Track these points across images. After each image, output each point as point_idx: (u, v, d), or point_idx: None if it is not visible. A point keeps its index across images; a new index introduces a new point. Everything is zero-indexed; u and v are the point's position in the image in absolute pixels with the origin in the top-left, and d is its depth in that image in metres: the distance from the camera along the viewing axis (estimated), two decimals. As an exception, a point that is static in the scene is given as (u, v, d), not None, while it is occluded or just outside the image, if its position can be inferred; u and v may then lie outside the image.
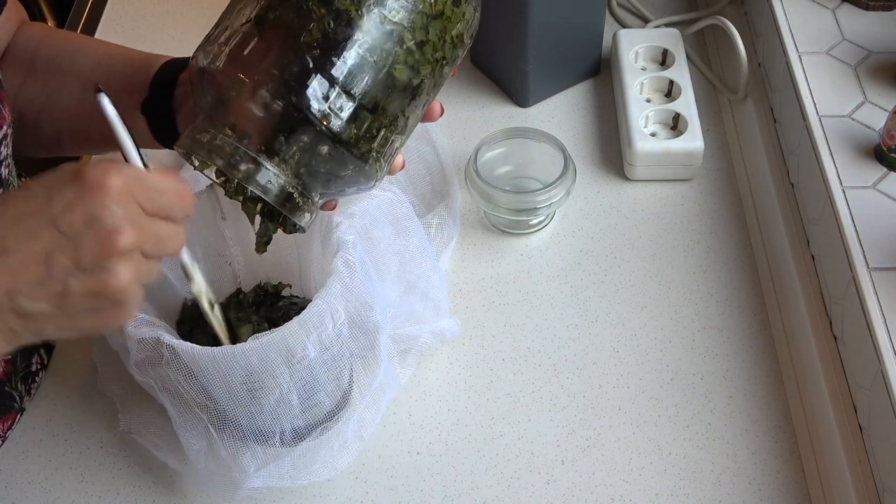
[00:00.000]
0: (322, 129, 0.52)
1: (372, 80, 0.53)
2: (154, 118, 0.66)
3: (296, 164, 0.53)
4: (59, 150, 0.73)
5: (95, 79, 0.68)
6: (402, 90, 0.55)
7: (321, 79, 0.51)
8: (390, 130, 0.56)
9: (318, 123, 0.52)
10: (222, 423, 0.65)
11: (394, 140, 0.57)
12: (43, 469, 0.73)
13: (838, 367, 0.72)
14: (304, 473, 0.68)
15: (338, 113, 0.52)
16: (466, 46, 0.59)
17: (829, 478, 0.70)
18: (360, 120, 0.53)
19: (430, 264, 0.75)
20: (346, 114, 0.53)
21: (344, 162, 0.55)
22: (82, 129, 0.70)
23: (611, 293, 0.83)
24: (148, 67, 0.67)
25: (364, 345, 0.70)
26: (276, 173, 0.53)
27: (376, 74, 0.53)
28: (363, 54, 0.52)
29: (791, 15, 0.90)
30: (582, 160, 0.93)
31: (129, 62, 0.69)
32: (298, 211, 0.55)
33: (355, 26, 0.52)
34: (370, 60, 0.53)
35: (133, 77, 0.67)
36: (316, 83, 0.51)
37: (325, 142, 0.53)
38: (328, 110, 0.52)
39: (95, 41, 0.73)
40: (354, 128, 0.53)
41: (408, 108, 0.57)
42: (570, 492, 0.71)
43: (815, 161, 0.78)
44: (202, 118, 0.55)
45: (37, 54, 0.70)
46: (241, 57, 0.52)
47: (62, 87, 0.69)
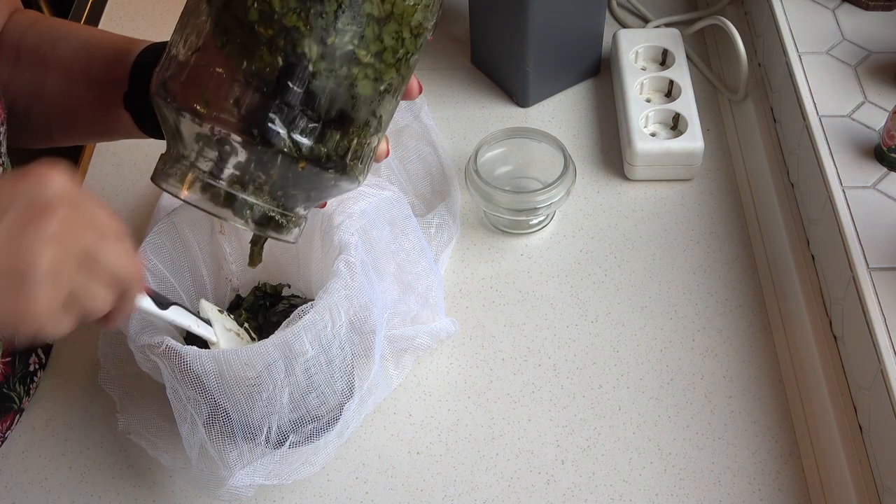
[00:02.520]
0: (292, 154, 0.51)
1: (335, 97, 0.51)
2: (137, 112, 0.65)
3: (271, 188, 0.52)
4: (51, 141, 0.72)
5: (78, 68, 0.67)
6: (367, 100, 0.53)
7: (281, 106, 0.50)
8: (364, 135, 0.54)
9: (287, 150, 0.50)
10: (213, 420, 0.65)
11: (369, 141, 0.55)
12: (43, 469, 0.73)
13: (838, 367, 0.73)
14: (288, 472, 0.67)
15: (305, 136, 0.51)
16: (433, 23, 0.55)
17: (829, 478, 0.70)
18: (329, 137, 0.52)
19: (428, 265, 0.75)
20: (314, 135, 0.51)
21: (321, 177, 0.53)
22: (71, 123, 0.69)
23: (611, 293, 0.83)
24: (127, 56, 0.65)
25: (360, 346, 0.70)
26: (253, 201, 0.52)
27: (338, 90, 0.51)
28: (321, 74, 0.50)
29: (791, 15, 0.90)
30: (582, 160, 0.93)
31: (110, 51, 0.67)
32: (283, 230, 0.54)
33: (306, 45, 0.49)
34: (329, 79, 0.50)
35: (112, 67, 0.66)
36: (276, 111, 0.50)
37: (297, 164, 0.51)
38: (294, 136, 0.50)
39: (79, 27, 0.71)
40: (324, 146, 0.52)
41: (378, 109, 0.54)
42: (570, 492, 0.71)
43: (815, 161, 0.78)
44: (170, 148, 0.54)
45: (22, 44, 0.68)
46: (196, 90, 0.50)
47: (47, 78, 0.68)
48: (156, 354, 0.62)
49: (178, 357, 0.61)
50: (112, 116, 0.66)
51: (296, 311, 0.62)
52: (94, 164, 0.96)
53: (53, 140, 0.73)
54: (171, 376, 0.63)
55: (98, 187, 0.93)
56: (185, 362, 0.61)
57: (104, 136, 0.73)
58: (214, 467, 0.66)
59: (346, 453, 0.73)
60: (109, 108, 0.66)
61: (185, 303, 0.73)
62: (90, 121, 0.68)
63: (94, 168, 0.95)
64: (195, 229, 0.73)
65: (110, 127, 0.68)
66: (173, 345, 0.61)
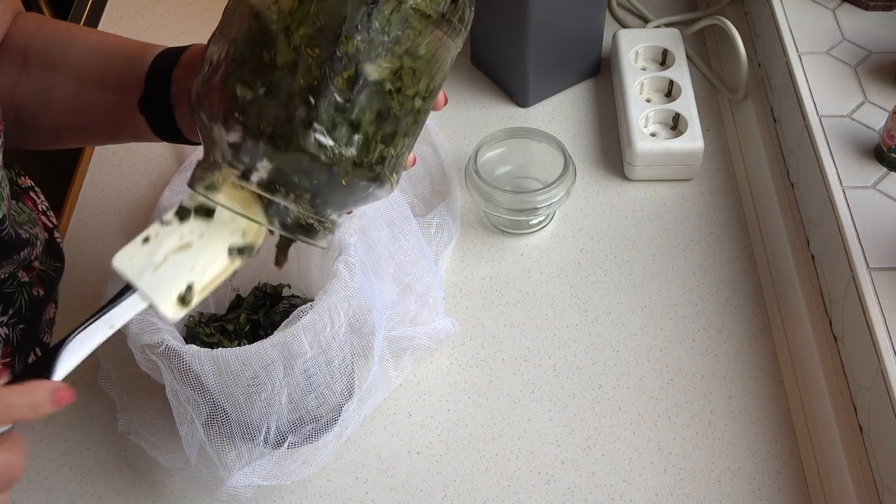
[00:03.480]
0: (332, 165, 0.50)
1: (379, 111, 0.51)
2: (153, 115, 0.65)
3: (310, 196, 0.52)
4: (58, 143, 0.72)
5: (89, 72, 0.67)
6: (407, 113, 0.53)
7: (324, 117, 0.49)
8: (401, 146, 0.54)
9: (328, 161, 0.50)
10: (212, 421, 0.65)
11: (403, 152, 0.55)
12: (43, 469, 0.73)
13: (838, 367, 0.72)
14: (287, 472, 0.68)
15: (348, 147, 0.50)
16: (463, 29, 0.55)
17: (829, 478, 0.70)
18: (371, 150, 0.52)
19: (427, 265, 0.75)
20: (355, 147, 0.51)
21: (358, 186, 0.53)
22: (80, 124, 0.69)
23: (611, 293, 0.83)
24: (142, 60, 0.65)
25: (359, 347, 0.70)
26: (290, 207, 0.51)
27: (383, 104, 0.51)
28: (368, 88, 0.50)
29: (791, 15, 0.90)
30: (582, 160, 0.93)
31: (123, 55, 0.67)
32: (317, 236, 0.53)
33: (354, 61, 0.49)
34: (374, 94, 0.50)
35: (127, 71, 0.66)
36: (319, 122, 0.49)
37: (338, 176, 0.51)
38: (335, 147, 0.50)
39: (87, 31, 0.71)
40: (364, 157, 0.51)
41: (415, 122, 0.54)
42: (570, 492, 0.71)
43: (815, 161, 0.78)
44: (207, 155, 0.53)
45: (29, 48, 0.68)
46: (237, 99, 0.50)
47: (56, 83, 0.68)
48: (156, 354, 0.62)
49: (178, 357, 0.61)
50: (126, 120, 0.66)
51: (295, 312, 0.62)
52: (94, 164, 0.96)
53: (61, 143, 0.73)
54: (171, 376, 0.63)
55: (98, 187, 0.93)
56: (185, 362, 0.61)
57: (116, 140, 0.73)
58: (214, 468, 0.66)
59: (346, 453, 0.73)
60: (123, 112, 0.66)
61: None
62: (102, 125, 0.68)
63: (94, 168, 0.95)
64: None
65: (123, 131, 0.68)
66: (173, 344, 0.61)
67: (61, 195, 0.95)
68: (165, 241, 0.50)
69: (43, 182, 0.85)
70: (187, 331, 0.73)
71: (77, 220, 0.91)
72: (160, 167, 0.94)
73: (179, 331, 0.71)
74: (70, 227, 0.90)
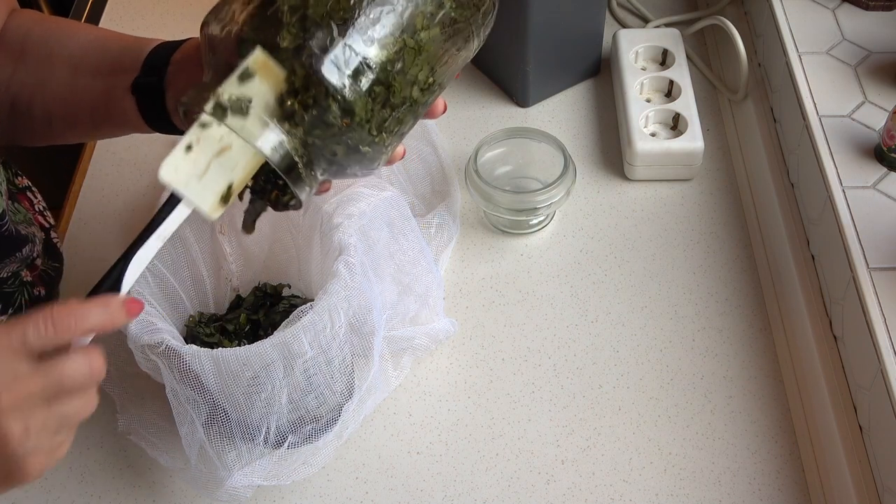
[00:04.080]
0: (338, 99, 0.51)
1: (394, 56, 0.52)
2: (143, 98, 0.65)
3: (304, 132, 0.52)
4: (50, 136, 0.72)
5: (87, 62, 0.67)
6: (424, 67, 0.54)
7: (343, 47, 0.50)
8: (402, 112, 0.54)
9: (334, 91, 0.50)
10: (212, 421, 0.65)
11: (403, 121, 0.55)
12: (43, 469, 0.73)
13: (838, 367, 0.72)
14: (286, 472, 0.68)
15: (355, 84, 0.51)
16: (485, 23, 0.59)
17: (829, 478, 0.70)
18: (375, 95, 0.52)
19: (427, 266, 0.75)
20: (364, 87, 0.51)
21: (352, 138, 0.53)
22: (72, 114, 0.69)
23: (611, 293, 0.83)
24: (140, 48, 0.66)
25: (359, 347, 0.70)
26: (285, 138, 0.51)
27: (399, 50, 0.52)
28: (391, 27, 0.52)
29: (791, 15, 0.90)
30: (582, 160, 0.93)
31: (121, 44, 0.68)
32: (300, 182, 0.53)
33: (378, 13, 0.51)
34: (397, 33, 0.52)
35: (123, 58, 0.66)
36: (338, 51, 0.50)
37: (337, 114, 0.51)
38: (345, 80, 0.50)
39: (86, 26, 0.72)
40: (370, 103, 0.52)
41: (421, 94, 0.55)
42: (570, 492, 0.71)
43: (815, 161, 0.78)
44: (210, 77, 0.53)
45: (27, 40, 0.69)
46: (261, 18, 0.51)
47: (53, 72, 0.68)
48: (156, 354, 0.62)
49: (178, 357, 0.61)
50: (115, 105, 0.66)
51: (295, 312, 0.62)
52: (94, 164, 0.96)
53: (54, 135, 0.72)
54: (171, 376, 0.63)
55: (98, 187, 0.93)
56: (185, 362, 0.61)
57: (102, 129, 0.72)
58: (214, 468, 0.66)
59: (346, 453, 0.73)
60: (114, 97, 0.66)
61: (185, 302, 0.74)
62: (92, 111, 0.68)
63: (94, 168, 0.95)
64: (195, 229, 0.73)
65: (113, 117, 0.68)
66: (173, 344, 0.61)
67: (61, 195, 0.95)
68: (206, 147, 0.51)
69: (42, 182, 0.85)
70: (187, 331, 0.73)
71: (77, 220, 0.91)
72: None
73: (179, 331, 0.71)
74: (70, 227, 0.90)
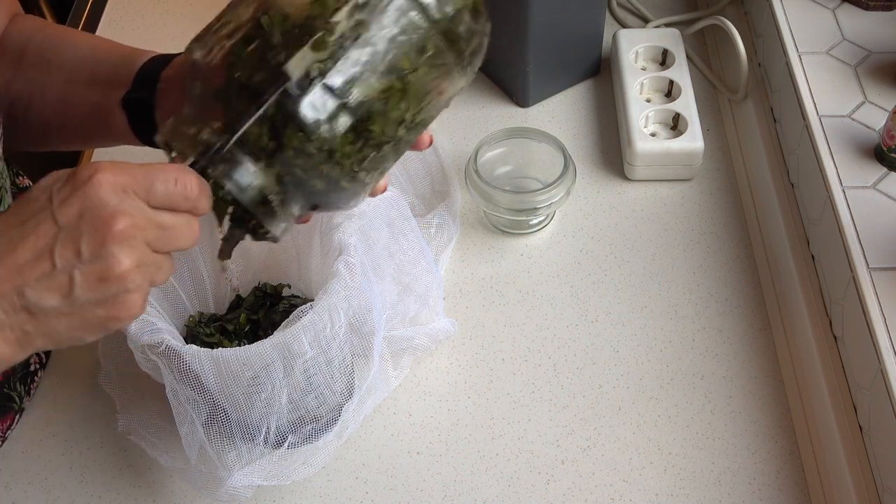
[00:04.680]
0: (315, 138, 0.51)
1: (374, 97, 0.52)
2: (134, 113, 0.66)
3: (280, 170, 0.52)
4: (47, 143, 0.73)
5: (82, 72, 0.68)
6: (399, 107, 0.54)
7: (322, 88, 0.50)
8: (384, 150, 0.54)
9: (311, 133, 0.51)
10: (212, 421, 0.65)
11: (382, 162, 0.55)
12: (43, 469, 0.73)
13: (838, 367, 0.72)
14: (286, 472, 0.68)
15: (332, 126, 0.51)
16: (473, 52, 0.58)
17: (829, 478, 0.70)
18: (354, 135, 0.52)
19: (427, 266, 0.75)
20: (342, 127, 0.51)
21: (330, 176, 0.53)
22: (66, 124, 0.70)
23: (611, 293, 0.83)
24: (134, 61, 0.66)
25: (359, 347, 0.70)
26: (258, 174, 0.52)
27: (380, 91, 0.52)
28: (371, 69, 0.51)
29: (791, 15, 0.90)
30: (582, 160, 0.93)
31: (116, 56, 0.68)
32: (273, 218, 0.54)
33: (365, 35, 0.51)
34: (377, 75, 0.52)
35: (118, 70, 0.67)
36: (316, 91, 0.50)
37: (314, 153, 0.52)
38: (322, 122, 0.51)
39: (85, 35, 0.73)
40: (348, 142, 0.52)
41: (404, 132, 0.55)
42: (570, 492, 0.71)
43: (815, 161, 0.78)
44: (189, 110, 0.54)
45: (26, 47, 0.69)
46: (240, 55, 0.51)
47: (48, 80, 0.69)
48: (156, 354, 0.62)
49: (178, 357, 0.61)
50: (106, 117, 0.67)
51: (295, 312, 0.62)
52: (95, 165, 0.95)
53: (50, 143, 0.73)
54: (171, 376, 0.63)
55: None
56: (185, 362, 0.61)
57: (96, 139, 0.73)
58: (214, 468, 0.66)
59: (346, 453, 0.73)
60: (106, 109, 0.66)
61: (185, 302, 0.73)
62: (84, 122, 0.69)
63: (95, 168, 0.95)
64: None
65: (104, 129, 0.68)
66: (173, 344, 0.61)
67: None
68: None
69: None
70: (187, 331, 0.73)
71: (77, 220, 0.91)
72: (160, 167, 0.94)
73: (179, 331, 0.71)
74: (70, 227, 0.90)
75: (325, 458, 0.69)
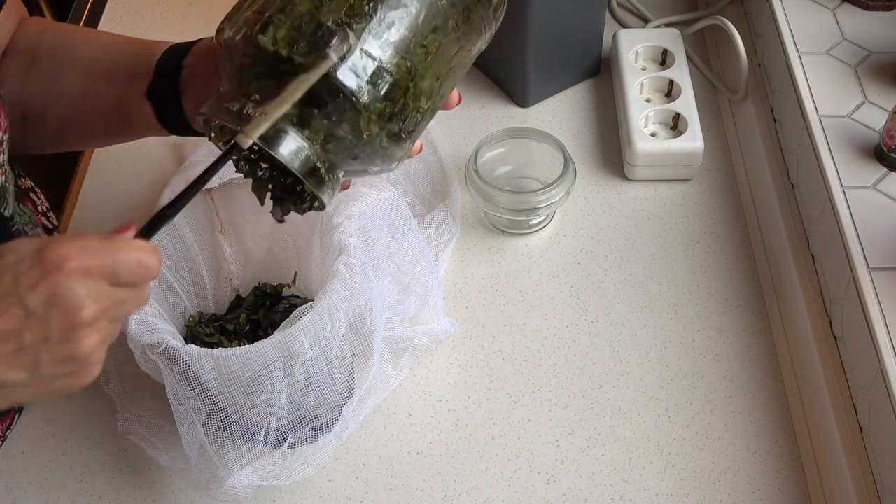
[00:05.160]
0: (356, 103, 0.51)
1: (411, 57, 0.52)
2: (159, 103, 0.66)
3: (324, 137, 0.52)
4: (63, 143, 0.73)
5: (98, 68, 0.68)
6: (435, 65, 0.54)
7: (360, 53, 0.50)
8: (419, 111, 0.55)
9: (353, 97, 0.51)
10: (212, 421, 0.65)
11: (420, 121, 0.56)
12: (43, 469, 0.73)
13: (838, 367, 0.72)
14: (286, 472, 0.68)
15: (373, 89, 0.51)
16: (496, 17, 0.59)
17: (829, 478, 0.70)
18: (393, 98, 0.52)
19: (427, 266, 0.75)
20: (381, 91, 0.52)
21: (372, 139, 0.53)
22: (86, 121, 0.70)
23: (611, 293, 0.83)
24: (152, 52, 0.66)
25: (359, 347, 0.70)
26: (305, 144, 0.52)
27: (415, 50, 0.53)
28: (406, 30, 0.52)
29: (791, 15, 0.90)
30: (582, 160, 0.93)
31: (132, 49, 0.68)
32: (322, 185, 0.53)
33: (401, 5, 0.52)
34: (412, 35, 0.52)
35: (136, 62, 0.67)
36: (355, 57, 0.50)
37: (356, 117, 0.52)
38: (363, 85, 0.51)
39: (97, 32, 0.73)
40: (388, 106, 0.52)
41: (438, 88, 0.55)
42: (570, 492, 0.71)
43: (815, 161, 0.78)
44: (228, 86, 0.54)
45: (38, 47, 0.69)
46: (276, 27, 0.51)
47: (64, 78, 0.69)
48: (156, 354, 0.62)
49: (178, 357, 0.61)
50: (131, 110, 0.67)
51: (295, 312, 0.62)
52: (94, 164, 0.96)
53: (66, 142, 0.73)
54: (171, 376, 0.63)
55: (98, 187, 0.93)
56: (185, 362, 0.61)
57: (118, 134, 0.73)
58: (214, 468, 0.66)
59: (346, 453, 0.73)
60: (130, 102, 0.66)
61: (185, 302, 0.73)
62: (107, 117, 0.69)
63: (94, 168, 0.95)
64: (195, 229, 0.73)
65: (128, 123, 0.68)
66: (173, 344, 0.61)
67: (61, 196, 0.95)
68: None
69: (43, 183, 0.85)
70: (187, 331, 0.73)
71: (77, 220, 0.91)
72: (160, 167, 0.94)
73: (179, 331, 0.71)
74: (70, 227, 0.90)
75: (325, 458, 0.69)
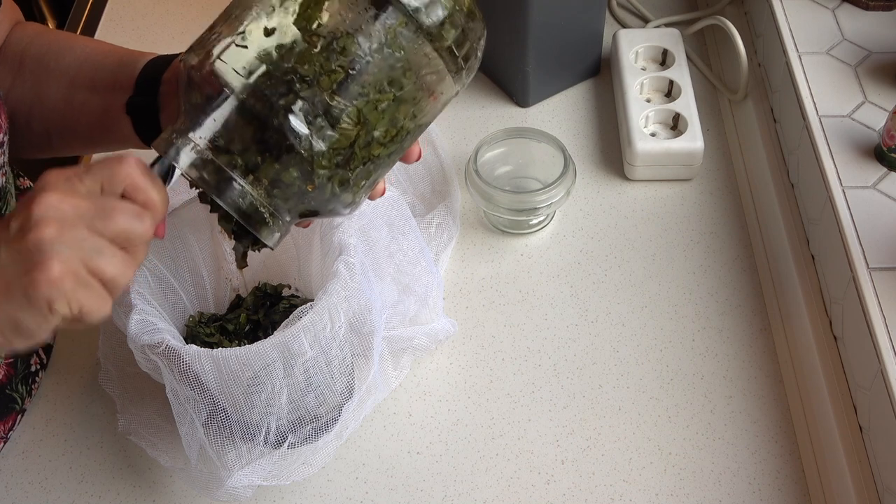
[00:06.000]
0: (302, 153, 0.51)
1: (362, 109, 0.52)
2: (139, 117, 0.66)
3: (270, 183, 0.52)
4: (49, 149, 0.73)
5: (82, 77, 0.68)
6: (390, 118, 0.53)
7: (309, 103, 0.50)
8: (371, 160, 0.54)
9: (299, 147, 0.51)
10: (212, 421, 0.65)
11: (374, 171, 0.55)
12: (43, 469, 0.73)
13: (838, 367, 0.72)
14: (286, 472, 0.68)
15: (320, 139, 0.51)
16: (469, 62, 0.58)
17: (829, 478, 0.70)
18: (343, 148, 0.52)
19: (427, 266, 0.75)
20: (329, 142, 0.51)
21: (322, 186, 0.53)
22: (70, 128, 0.70)
23: (611, 293, 0.83)
24: (134, 65, 0.66)
25: (359, 347, 0.70)
26: (247, 190, 0.52)
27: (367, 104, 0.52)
28: (356, 86, 0.51)
29: (791, 15, 0.90)
30: (582, 160, 0.93)
31: (116, 60, 0.68)
32: (266, 229, 0.54)
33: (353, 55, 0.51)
34: (362, 91, 0.51)
35: (118, 74, 0.67)
36: (302, 106, 0.50)
37: (303, 166, 0.52)
38: (311, 135, 0.51)
39: (84, 39, 0.73)
40: (336, 156, 0.52)
41: (392, 142, 0.55)
42: (570, 492, 0.71)
43: (815, 161, 0.78)
44: (182, 120, 0.54)
45: (26, 53, 0.69)
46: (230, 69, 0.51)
47: (49, 87, 0.69)
48: (156, 354, 0.62)
49: (178, 357, 0.61)
50: (112, 122, 0.67)
51: (295, 312, 0.62)
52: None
53: (53, 149, 0.73)
54: (171, 376, 0.63)
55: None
56: (185, 362, 0.61)
57: (101, 144, 0.73)
58: (214, 468, 0.66)
59: (346, 453, 0.73)
60: (111, 114, 0.66)
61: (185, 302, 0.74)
62: (89, 127, 0.69)
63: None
64: (195, 229, 0.73)
65: (108, 133, 0.68)
66: (173, 344, 0.61)
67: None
68: None
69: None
70: (187, 331, 0.73)
71: (77, 220, 0.91)
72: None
73: (179, 331, 0.71)
74: (70, 227, 0.90)
75: (325, 458, 0.69)
